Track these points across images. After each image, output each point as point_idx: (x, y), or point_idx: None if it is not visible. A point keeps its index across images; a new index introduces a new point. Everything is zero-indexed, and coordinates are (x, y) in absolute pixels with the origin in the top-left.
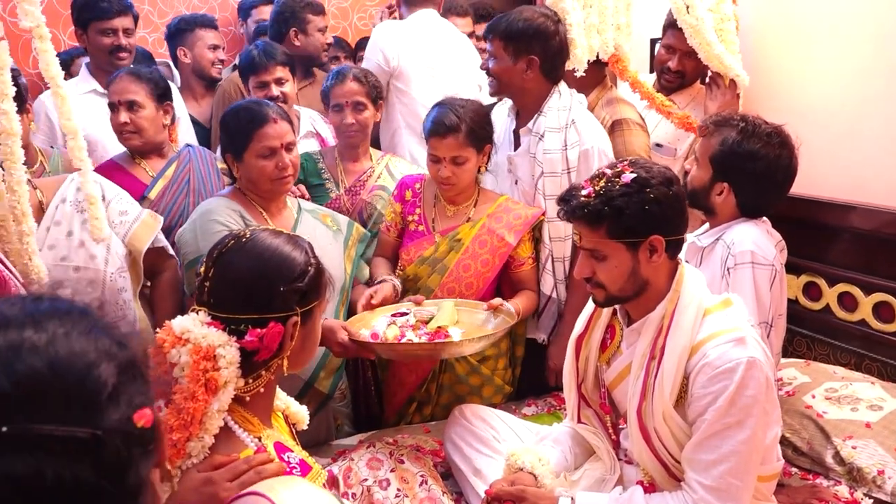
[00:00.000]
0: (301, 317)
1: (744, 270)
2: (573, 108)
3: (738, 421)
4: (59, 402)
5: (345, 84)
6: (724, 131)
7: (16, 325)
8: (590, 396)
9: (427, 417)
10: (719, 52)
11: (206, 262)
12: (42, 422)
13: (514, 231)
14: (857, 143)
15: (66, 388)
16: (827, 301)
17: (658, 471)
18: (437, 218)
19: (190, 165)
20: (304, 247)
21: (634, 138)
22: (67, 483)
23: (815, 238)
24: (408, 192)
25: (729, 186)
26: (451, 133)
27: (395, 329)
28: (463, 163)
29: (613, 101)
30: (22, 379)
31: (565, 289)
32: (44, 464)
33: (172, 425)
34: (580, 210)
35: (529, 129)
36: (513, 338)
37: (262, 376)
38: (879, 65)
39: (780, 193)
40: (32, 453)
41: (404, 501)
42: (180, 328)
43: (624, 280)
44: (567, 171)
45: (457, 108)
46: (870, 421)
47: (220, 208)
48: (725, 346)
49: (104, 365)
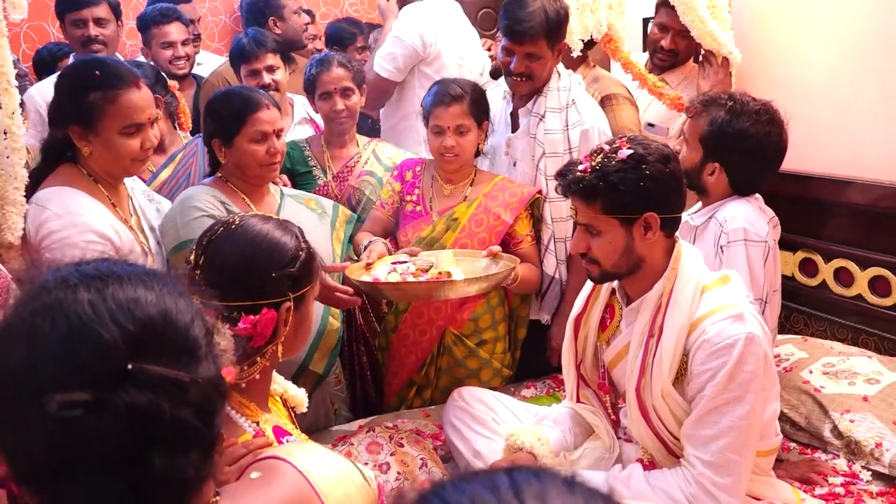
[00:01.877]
0: (294, 302)
1: (737, 248)
2: (572, 87)
3: (737, 396)
4: (171, 349)
5: (332, 70)
6: (712, 111)
7: (129, 281)
8: (589, 376)
9: (427, 401)
10: (712, 28)
11: (195, 251)
12: (160, 364)
13: (510, 209)
14: (853, 118)
15: (176, 339)
16: (823, 277)
17: (657, 448)
18: (434, 198)
19: (194, 159)
20: (295, 231)
21: (624, 112)
22: (178, 421)
23: (811, 214)
24: (408, 174)
25: (720, 166)
26: (455, 102)
27: (395, 276)
28: (465, 132)
29: (600, 77)
30: (143, 325)
31: (566, 269)
32: (161, 401)
33: None
34: (576, 184)
35: (529, 110)
36: (515, 320)
37: (256, 363)
38: (875, 39)
39: (772, 170)
40: (152, 390)
41: (405, 484)
42: None
43: (618, 256)
44: (569, 150)
45: (459, 82)
46: (867, 394)
47: (200, 195)
48: (724, 323)
49: (198, 323)
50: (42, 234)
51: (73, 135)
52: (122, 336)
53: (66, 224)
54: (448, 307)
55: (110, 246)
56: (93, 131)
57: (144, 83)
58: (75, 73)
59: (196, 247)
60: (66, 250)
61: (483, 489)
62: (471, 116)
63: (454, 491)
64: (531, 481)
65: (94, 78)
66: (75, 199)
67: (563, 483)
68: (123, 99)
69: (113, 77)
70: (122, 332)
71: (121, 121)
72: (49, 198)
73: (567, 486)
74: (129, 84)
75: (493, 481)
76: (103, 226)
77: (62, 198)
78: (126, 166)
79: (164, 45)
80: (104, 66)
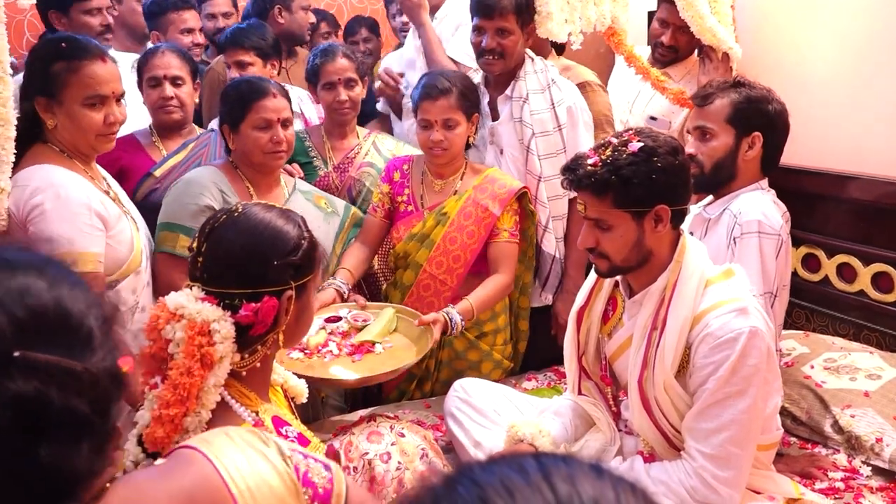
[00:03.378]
0: (295, 290)
1: (750, 239)
2: (549, 69)
3: (740, 390)
4: (62, 337)
5: (335, 61)
6: (727, 93)
7: (21, 268)
8: (591, 368)
9: (427, 394)
10: (711, 24)
11: (198, 238)
12: (50, 352)
13: (498, 200)
14: (857, 114)
15: (68, 328)
16: (826, 272)
17: (658, 441)
18: (425, 194)
19: (206, 150)
20: (297, 220)
21: (599, 98)
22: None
23: (814, 209)
24: (396, 174)
25: (759, 134)
26: (442, 95)
27: (322, 335)
28: (454, 126)
29: (569, 67)
30: (33, 312)
31: (565, 245)
32: (49, 390)
33: (169, 401)
34: (587, 179)
35: (508, 96)
36: (514, 311)
37: (257, 351)
38: (878, 34)
39: (786, 140)
40: (40, 379)
41: (405, 474)
42: (174, 304)
43: (628, 250)
44: (558, 127)
45: (446, 75)
46: (868, 390)
47: (202, 179)
48: (727, 317)
49: (94, 312)
50: (26, 210)
51: (39, 106)
52: (9, 322)
53: (49, 197)
54: (441, 302)
55: (97, 218)
56: (56, 101)
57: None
58: (43, 47)
59: (199, 234)
60: (52, 223)
61: (511, 471)
62: (459, 110)
63: (482, 472)
64: (559, 465)
65: (59, 49)
66: (54, 173)
67: (591, 468)
68: (87, 70)
69: (78, 49)
70: (10, 318)
71: (83, 91)
72: (29, 176)
73: (595, 471)
74: (94, 56)
75: (521, 464)
76: (88, 197)
77: (41, 174)
78: (91, 141)
79: (184, 31)
80: (71, 39)
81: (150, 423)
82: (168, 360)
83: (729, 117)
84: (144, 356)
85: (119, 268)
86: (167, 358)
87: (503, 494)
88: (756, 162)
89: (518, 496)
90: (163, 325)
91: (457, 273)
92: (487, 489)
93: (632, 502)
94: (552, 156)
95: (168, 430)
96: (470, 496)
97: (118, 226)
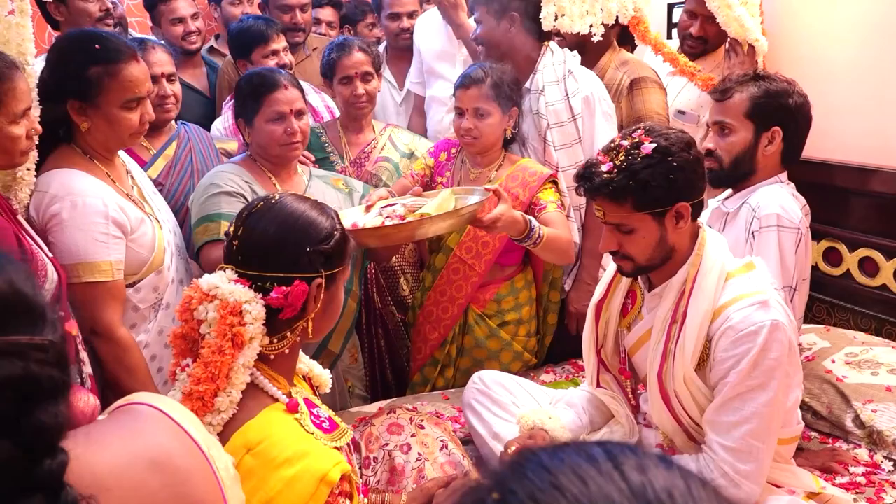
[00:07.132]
0: (325, 280)
1: (769, 233)
2: (567, 60)
3: (761, 383)
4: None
5: (352, 55)
6: (746, 87)
7: None
8: (609, 361)
9: (448, 381)
10: (739, 14)
11: (235, 223)
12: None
13: (528, 187)
14: (880, 106)
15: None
16: (847, 266)
17: (678, 434)
18: (461, 182)
19: (190, 145)
20: (331, 213)
21: (653, 96)
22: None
23: (836, 202)
24: (443, 154)
25: (778, 128)
26: (474, 84)
27: (378, 219)
28: (485, 115)
29: (628, 60)
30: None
31: (581, 235)
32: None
33: (200, 377)
34: (604, 187)
35: (527, 89)
36: (544, 305)
37: (286, 337)
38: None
39: (805, 137)
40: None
41: (425, 465)
42: (208, 285)
43: (652, 250)
44: (573, 118)
45: (485, 66)
46: (890, 385)
47: (225, 174)
48: (749, 310)
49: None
50: (45, 218)
51: (72, 109)
52: None
53: (66, 206)
54: (468, 286)
55: (115, 226)
56: (92, 105)
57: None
58: (72, 47)
59: (236, 219)
60: (68, 233)
61: (579, 459)
62: (491, 100)
63: (549, 458)
64: (627, 454)
65: (94, 51)
66: (73, 179)
67: (659, 459)
68: (125, 73)
69: (113, 51)
70: None
71: (122, 94)
72: (49, 182)
73: (663, 462)
74: (130, 57)
75: (588, 452)
76: (106, 205)
77: (61, 179)
78: (124, 140)
79: (174, 20)
80: (102, 39)
81: (181, 400)
82: (199, 340)
83: (748, 112)
84: (176, 337)
85: (141, 268)
86: (198, 339)
87: (575, 481)
88: (776, 156)
89: (591, 483)
90: (196, 306)
91: (485, 259)
92: (559, 475)
93: (703, 495)
94: (567, 146)
95: (198, 407)
96: (542, 481)
97: (140, 229)
